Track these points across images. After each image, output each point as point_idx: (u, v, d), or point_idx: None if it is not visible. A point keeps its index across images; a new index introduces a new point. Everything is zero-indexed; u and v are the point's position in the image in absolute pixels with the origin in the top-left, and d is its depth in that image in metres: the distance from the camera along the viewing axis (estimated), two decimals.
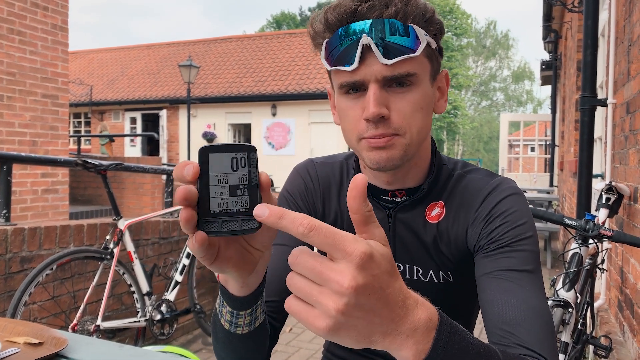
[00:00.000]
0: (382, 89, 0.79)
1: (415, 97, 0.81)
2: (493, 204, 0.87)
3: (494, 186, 0.90)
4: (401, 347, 0.49)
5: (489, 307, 0.78)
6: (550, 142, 10.08)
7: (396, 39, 0.77)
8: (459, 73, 36.35)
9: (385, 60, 0.77)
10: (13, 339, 0.91)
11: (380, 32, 0.77)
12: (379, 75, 0.78)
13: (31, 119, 5.17)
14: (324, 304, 0.45)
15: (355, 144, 0.85)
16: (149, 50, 20.73)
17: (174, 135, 17.25)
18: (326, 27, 0.81)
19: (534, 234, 0.86)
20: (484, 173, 0.94)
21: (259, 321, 0.71)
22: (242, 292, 0.65)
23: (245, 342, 0.73)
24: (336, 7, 0.80)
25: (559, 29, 8.42)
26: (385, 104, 0.79)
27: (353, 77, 0.79)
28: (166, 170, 4.34)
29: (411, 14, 0.78)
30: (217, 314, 0.72)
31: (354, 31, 0.78)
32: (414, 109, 0.81)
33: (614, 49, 3.31)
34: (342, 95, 0.84)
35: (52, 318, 2.70)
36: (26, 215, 5.05)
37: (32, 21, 5.15)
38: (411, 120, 0.81)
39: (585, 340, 2.16)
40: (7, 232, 2.45)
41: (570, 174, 5.81)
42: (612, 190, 2.64)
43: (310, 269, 0.45)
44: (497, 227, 0.85)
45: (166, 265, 3.44)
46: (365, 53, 0.77)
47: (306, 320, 0.46)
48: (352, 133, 0.84)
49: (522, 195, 0.90)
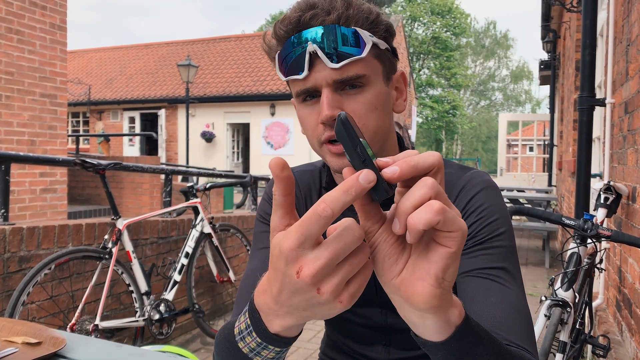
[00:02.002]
0: (334, 92, 0.81)
1: (368, 98, 0.83)
2: (467, 200, 0.88)
3: (466, 180, 0.90)
4: (452, 304, 0.51)
5: (470, 306, 0.78)
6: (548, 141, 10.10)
7: (341, 44, 0.79)
8: (458, 73, 36.39)
9: (333, 65, 0.79)
10: (11, 339, 0.91)
11: (325, 39, 0.79)
12: (329, 79, 0.80)
13: (30, 118, 5.16)
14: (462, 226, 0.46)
15: (318, 149, 0.87)
16: (147, 50, 20.72)
17: (173, 135, 17.24)
18: (277, 40, 0.84)
19: (509, 228, 0.86)
20: (456, 167, 0.94)
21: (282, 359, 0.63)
22: (287, 333, 0.55)
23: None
24: (283, 20, 0.82)
25: (558, 29, 8.43)
26: (339, 106, 0.81)
27: (305, 85, 0.82)
28: (165, 170, 4.34)
29: (353, 18, 0.80)
30: (234, 336, 0.61)
31: (300, 41, 0.80)
32: (368, 110, 0.83)
33: (612, 49, 3.31)
34: (300, 104, 0.87)
35: (51, 318, 2.69)
36: (24, 214, 5.05)
37: (30, 20, 5.14)
38: (366, 121, 0.83)
39: (584, 339, 2.16)
40: (5, 232, 2.44)
41: (568, 174, 5.82)
42: (611, 190, 2.64)
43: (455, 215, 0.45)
44: (473, 223, 0.85)
45: (165, 264, 3.44)
46: (313, 60, 0.80)
47: (456, 218, 0.45)
48: (313, 138, 0.86)
49: (495, 188, 0.90)
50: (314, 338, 3.63)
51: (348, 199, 0.43)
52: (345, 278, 0.46)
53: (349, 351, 1.05)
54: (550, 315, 1.91)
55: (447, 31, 36.20)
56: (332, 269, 0.45)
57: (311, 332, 3.74)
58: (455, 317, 0.52)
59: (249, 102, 16.01)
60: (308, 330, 3.78)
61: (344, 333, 1.05)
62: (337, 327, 1.07)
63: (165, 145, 17.23)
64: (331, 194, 0.43)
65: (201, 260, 3.72)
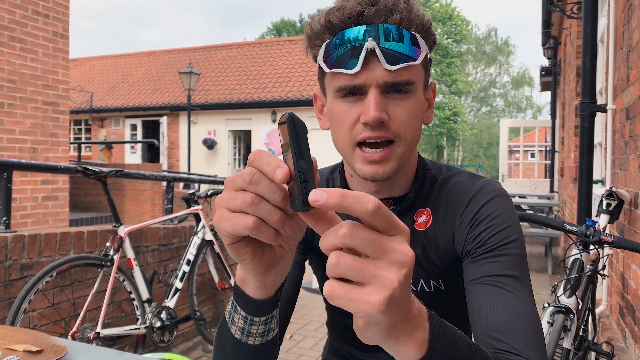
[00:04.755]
0: (381, 94, 0.79)
1: (412, 105, 0.81)
2: (477, 208, 0.87)
3: (477, 189, 0.90)
4: (410, 336, 0.49)
5: (477, 314, 0.78)
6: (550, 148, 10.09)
7: (399, 47, 0.77)
8: (459, 79, 36.43)
9: (389, 66, 0.76)
10: (12, 347, 0.90)
11: (385, 38, 0.76)
12: (380, 80, 0.77)
13: (32, 126, 5.18)
14: (383, 276, 0.43)
15: (349, 150, 0.83)
16: (149, 57, 20.80)
17: (175, 142, 17.26)
18: (327, 28, 0.80)
19: (520, 237, 0.85)
20: (467, 176, 0.94)
21: (272, 334, 0.68)
22: (259, 293, 0.62)
23: (255, 355, 0.69)
24: (340, 9, 0.79)
25: (558, 35, 8.45)
26: (384, 109, 0.79)
27: (353, 81, 0.78)
28: (166, 177, 4.34)
29: (414, 23, 0.79)
30: (226, 322, 0.68)
31: (357, 35, 0.77)
32: (410, 117, 0.81)
33: (613, 55, 3.32)
34: (337, 99, 0.83)
35: (52, 325, 2.69)
36: (26, 222, 5.05)
37: (33, 29, 5.17)
38: (407, 128, 0.81)
39: (587, 346, 2.15)
40: (7, 239, 2.44)
41: (570, 180, 5.81)
42: (613, 196, 2.64)
43: (372, 241, 0.44)
44: (483, 231, 0.84)
45: (166, 272, 3.44)
46: (368, 57, 0.77)
47: (357, 298, 0.43)
48: (346, 138, 0.82)
49: (507, 197, 0.90)
50: (315, 345, 3.62)
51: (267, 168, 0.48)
52: (240, 203, 0.49)
53: (351, 358, 1.04)
54: (553, 322, 1.89)
55: (448, 38, 36.29)
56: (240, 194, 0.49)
57: (313, 340, 3.73)
58: (414, 352, 0.50)
59: (251, 109, 16.03)
60: (310, 338, 3.76)
61: (347, 340, 1.04)
62: (339, 334, 1.06)
63: (167, 152, 17.25)
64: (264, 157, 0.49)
65: (203, 267, 3.71)
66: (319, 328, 3.99)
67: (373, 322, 0.45)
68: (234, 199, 0.49)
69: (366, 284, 0.44)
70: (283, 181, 0.46)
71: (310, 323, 4.13)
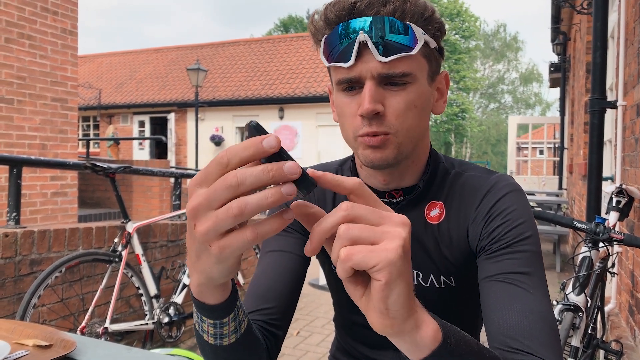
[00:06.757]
0: (377, 86, 0.79)
1: (410, 96, 0.81)
2: (492, 202, 0.86)
3: (492, 183, 0.89)
4: (422, 322, 0.51)
5: (492, 311, 0.77)
6: (559, 144, 10.02)
7: (393, 37, 0.77)
8: (467, 76, 36.25)
9: (382, 58, 0.77)
10: (22, 342, 0.91)
11: (378, 30, 0.77)
12: (374, 72, 0.78)
13: (41, 122, 5.21)
14: (392, 231, 0.46)
15: (352, 141, 0.85)
16: (157, 54, 20.86)
17: (182, 139, 17.33)
18: (326, 23, 0.82)
19: (535, 233, 0.84)
20: (481, 170, 0.93)
21: (244, 325, 0.68)
22: (218, 297, 0.60)
23: (234, 352, 0.69)
24: (335, 3, 0.80)
25: (568, 31, 8.38)
26: (381, 100, 0.79)
27: (349, 74, 0.80)
28: (174, 173, 4.36)
29: (409, 12, 0.78)
30: (198, 331, 0.67)
31: (353, 29, 0.78)
32: (407, 108, 0.81)
33: (623, 51, 3.28)
34: (340, 92, 0.84)
35: (61, 320, 2.71)
36: (36, 218, 5.09)
37: (42, 25, 5.20)
38: (404, 119, 0.81)
39: (596, 344, 2.14)
40: (17, 235, 2.47)
41: (579, 177, 5.77)
42: (623, 193, 2.61)
43: (371, 210, 0.48)
44: (498, 226, 0.84)
45: (174, 267, 3.45)
46: (362, 50, 0.78)
47: (376, 249, 0.45)
48: (349, 129, 0.84)
49: (521, 192, 0.89)
50: (322, 342, 3.62)
51: (245, 154, 0.44)
52: (219, 222, 0.44)
53: (359, 355, 1.04)
54: (562, 320, 1.88)
55: (456, 34, 36.11)
56: (210, 210, 0.45)
57: (320, 336, 3.73)
58: (428, 341, 0.51)
59: (258, 106, 16.06)
60: (317, 334, 3.77)
61: (355, 337, 1.04)
62: (347, 331, 1.06)
63: (175, 148, 17.32)
64: (233, 147, 0.45)
65: None
66: (326, 324, 4.00)
67: (395, 273, 0.46)
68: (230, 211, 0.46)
69: (379, 241, 0.46)
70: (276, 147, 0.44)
71: (317, 319, 4.14)
